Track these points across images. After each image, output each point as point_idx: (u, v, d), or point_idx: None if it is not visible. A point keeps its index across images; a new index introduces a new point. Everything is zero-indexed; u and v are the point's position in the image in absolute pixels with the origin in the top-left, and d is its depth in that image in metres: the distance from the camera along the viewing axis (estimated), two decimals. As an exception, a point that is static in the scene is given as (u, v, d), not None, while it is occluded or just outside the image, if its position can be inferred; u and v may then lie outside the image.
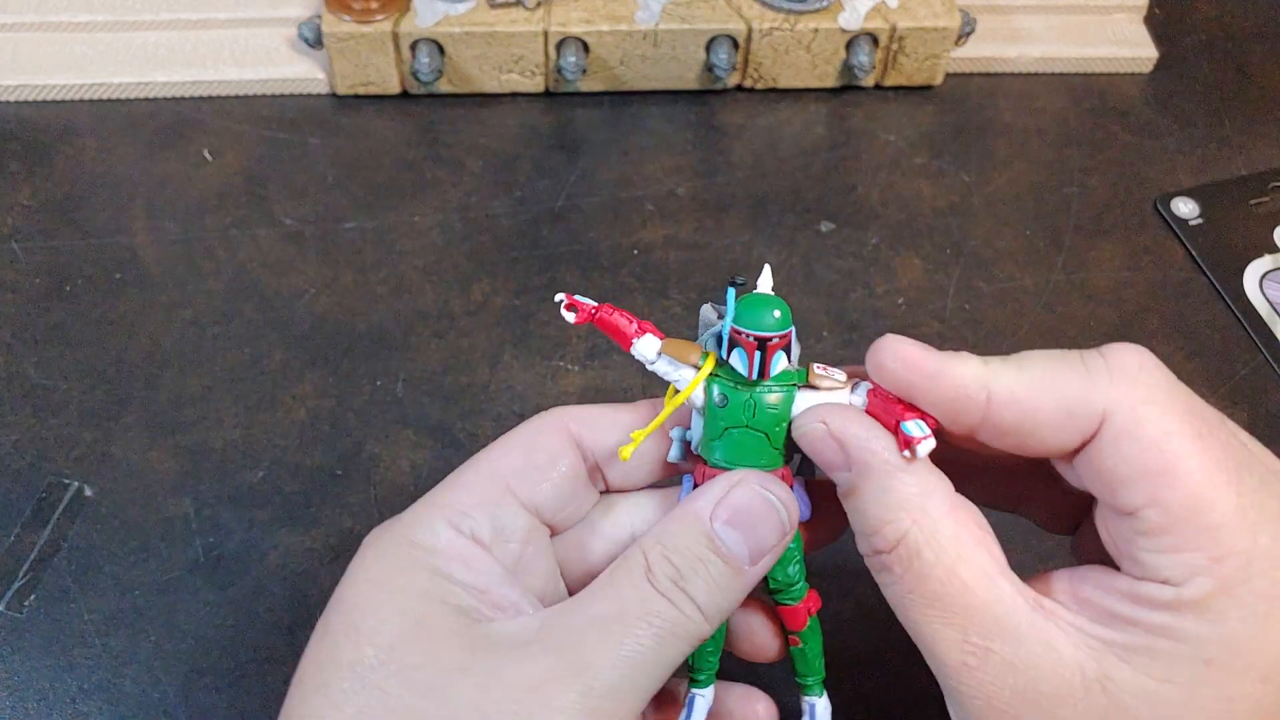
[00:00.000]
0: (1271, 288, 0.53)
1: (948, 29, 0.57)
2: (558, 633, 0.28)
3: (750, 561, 0.29)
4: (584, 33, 0.56)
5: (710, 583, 0.29)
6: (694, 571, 0.28)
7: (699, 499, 0.30)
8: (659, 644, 0.28)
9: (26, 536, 0.43)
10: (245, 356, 0.48)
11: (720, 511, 0.29)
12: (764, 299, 0.30)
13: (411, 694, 0.27)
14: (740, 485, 0.29)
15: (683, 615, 0.28)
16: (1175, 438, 0.27)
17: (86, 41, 0.58)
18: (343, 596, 0.30)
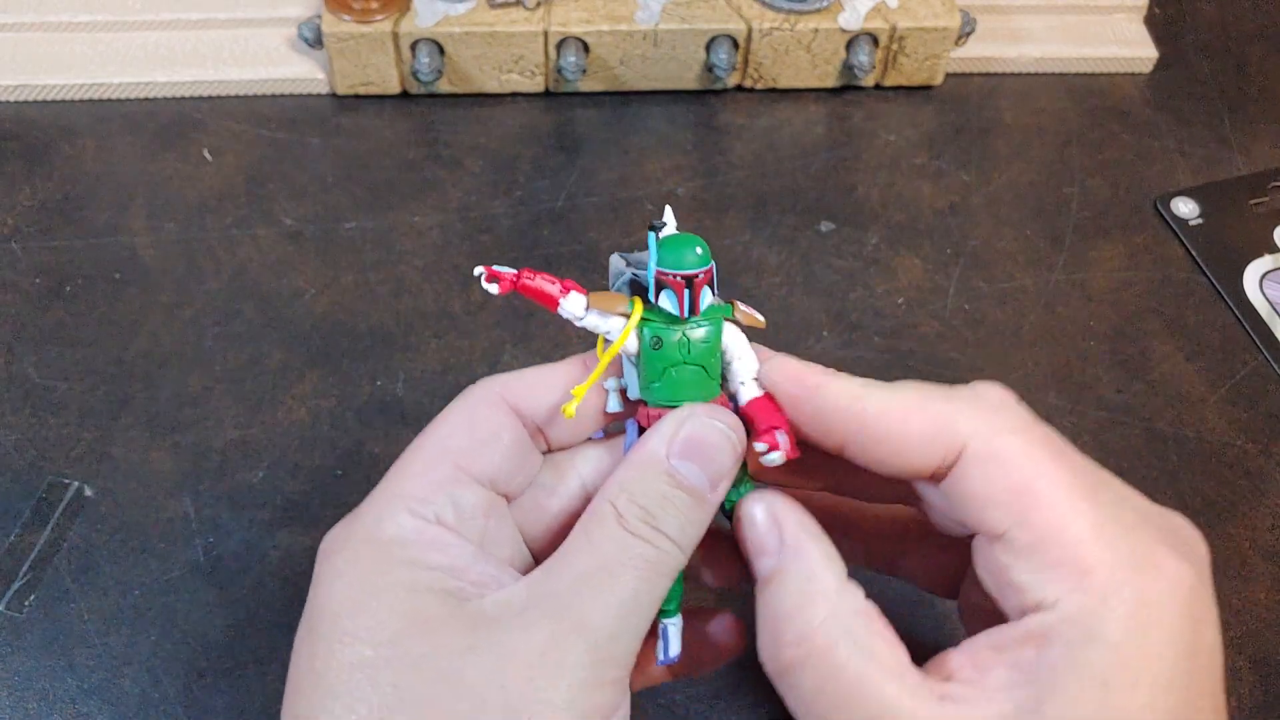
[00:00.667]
0: (1271, 288, 0.53)
1: (948, 29, 0.58)
2: (550, 596, 0.28)
3: (710, 489, 0.30)
4: (584, 33, 0.56)
5: (679, 515, 0.30)
6: (662, 509, 0.29)
7: (651, 440, 0.30)
8: (645, 583, 0.29)
9: (26, 536, 0.43)
10: (245, 356, 0.48)
11: (675, 448, 0.30)
12: (683, 239, 0.31)
13: (425, 683, 0.27)
14: (690, 419, 0.30)
15: (660, 551, 0.29)
16: (1033, 460, 0.28)
17: (86, 41, 0.58)
18: (321, 605, 0.29)
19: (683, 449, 0.30)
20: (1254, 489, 0.46)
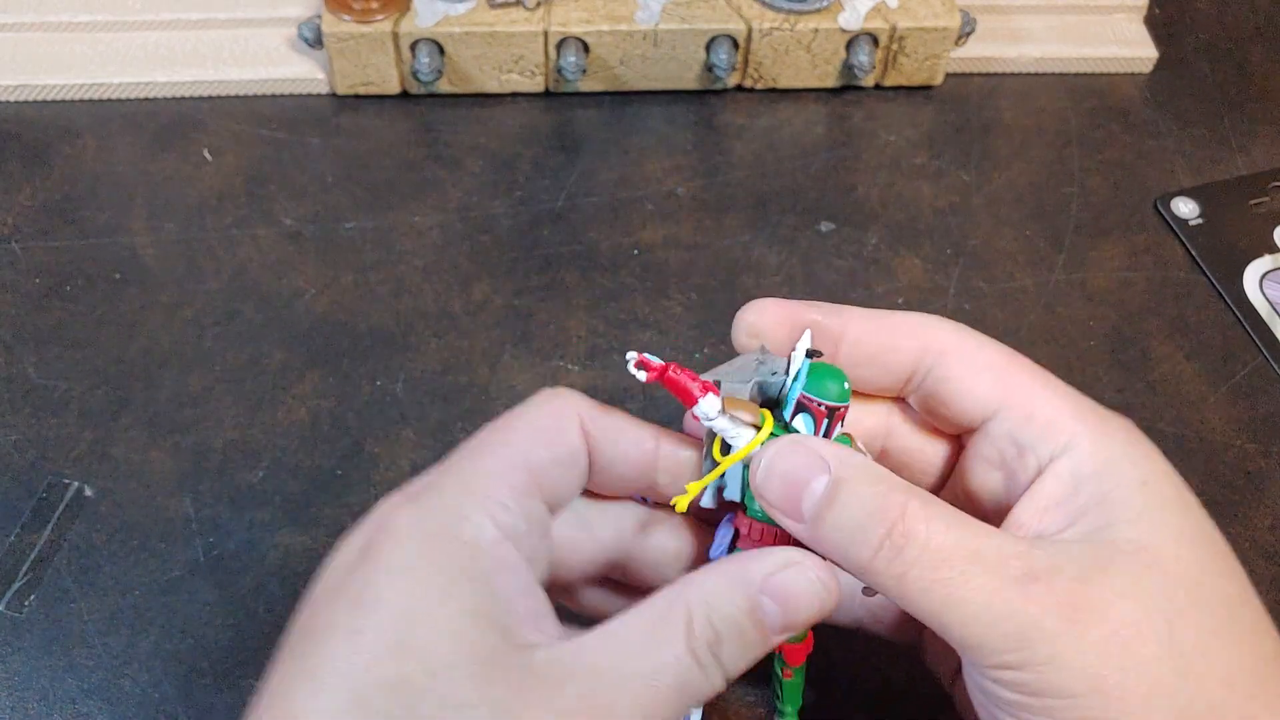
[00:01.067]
0: (1271, 288, 0.53)
1: (948, 29, 0.58)
2: (596, 681, 0.27)
3: (779, 632, 0.30)
4: (584, 33, 0.56)
5: (743, 652, 0.29)
6: (730, 640, 0.29)
7: (753, 566, 0.30)
8: (678, 707, 0.28)
9: (26, 536, 0.43)
10: (245, 356, 0.48)
11: (771, 585, 0.29)
12: (833, 371, 0.31)
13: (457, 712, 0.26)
14: (798, 567, 0.30)
15: (709, 683, 0.29)
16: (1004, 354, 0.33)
17: (86, 41, 0.58)
18: (372, 584, 0.28)
19: (777, 590, 0.29)
20: (1254, 489, 0.46)
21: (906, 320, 0.34)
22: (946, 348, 0.33)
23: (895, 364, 0.33)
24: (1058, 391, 0.32)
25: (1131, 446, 0.31)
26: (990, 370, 0.32)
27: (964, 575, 0.28)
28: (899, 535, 0.28)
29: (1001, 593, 0.28)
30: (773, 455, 0.30)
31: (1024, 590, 0.28)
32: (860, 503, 0.29)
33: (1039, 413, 0.32)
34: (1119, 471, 0.30)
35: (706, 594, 0.29)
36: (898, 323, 0.34)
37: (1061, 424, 0.31)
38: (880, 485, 0.29)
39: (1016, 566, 0.28)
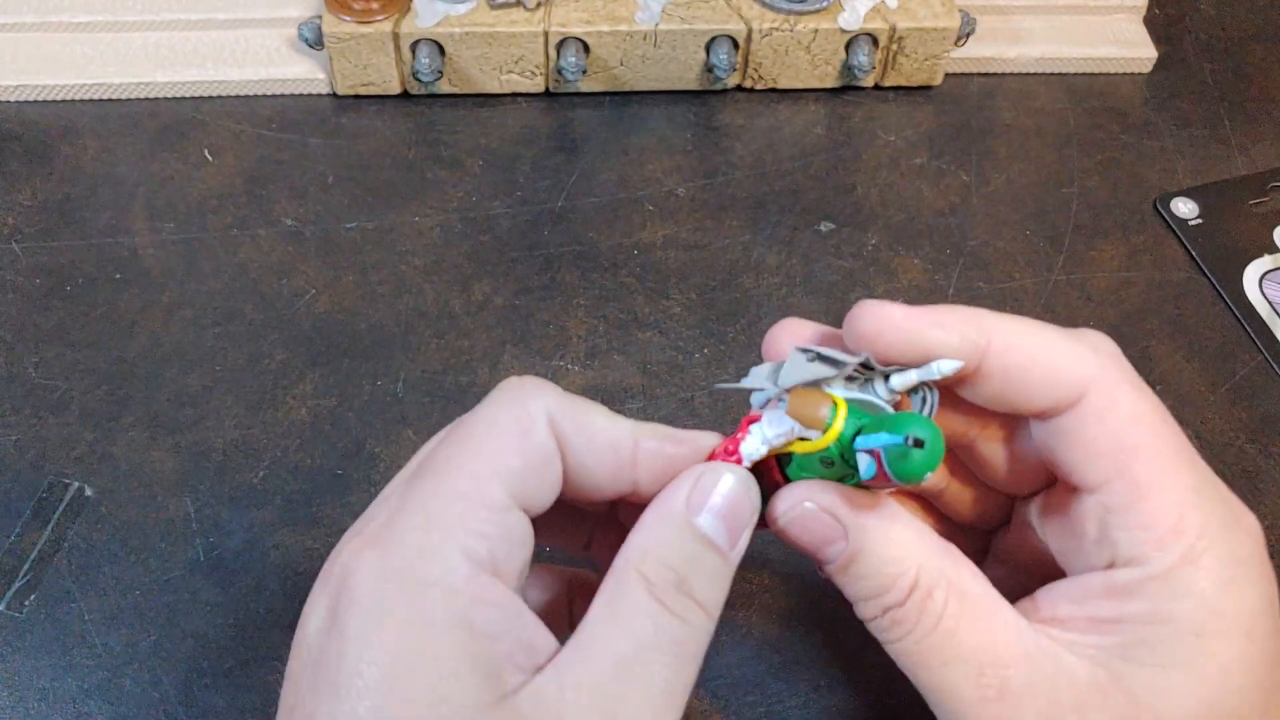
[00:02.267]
0: (1271, 288, 0.53)
1: (947, 29, 0.58)
2: (585, 690, 0.26)
3: (732, 545, 0.29)
4: (584, 33, 0.56)
5: (712, 578, 0.28)
6: (694, 571, 0.28)
7: (671, 498, 0.29)
8: (681, 670, 0.27)
9: (26, 536, 0.43)
10: (245, 356, 0.48)
11: (695, 504, 0.29)
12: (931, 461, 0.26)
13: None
14: (706, 474, 0.29)
15: (692, 628, 0.27)
16: (1144, 417, 0.29)
17: (86, 41, 0.58)
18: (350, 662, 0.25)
19: (699, 504, 0.29)
20: (1254, 489, 0.46)
21: (1070, 345, 0.29)
22: (1090, 394, 0.29)
23: (1040, 398, 0.29)
24: (1182, 485, 0.28)
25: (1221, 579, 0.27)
26: (1118, 440, 0.28)
27: (943, 671, 0.28)
28: (892, 619, 0.29)
29: (965, 703, 0.28)
30: (789, 510, 0.29)
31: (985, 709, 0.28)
32: (869, 580, 0.29)
33: (1144, 507, 0.28)
34: (1182, 606, 0.27)
35: (645, 545, 0.28)
36: (1061, 347, 0.29)
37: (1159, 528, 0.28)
38: (888, 565, 0.29)
39: (988, 683, 0.28)
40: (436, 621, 0.25)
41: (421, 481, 0.28)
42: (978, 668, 0.28)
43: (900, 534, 0.29)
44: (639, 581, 0.27)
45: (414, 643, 0.25)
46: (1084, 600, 0.29)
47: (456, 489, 0.27)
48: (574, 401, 0.30)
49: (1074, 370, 0.29)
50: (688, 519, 0.28)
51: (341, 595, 0.26)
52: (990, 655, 0.28)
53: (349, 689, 0.25)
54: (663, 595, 0.27)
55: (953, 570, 0.29)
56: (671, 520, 0.28)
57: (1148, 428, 0.29)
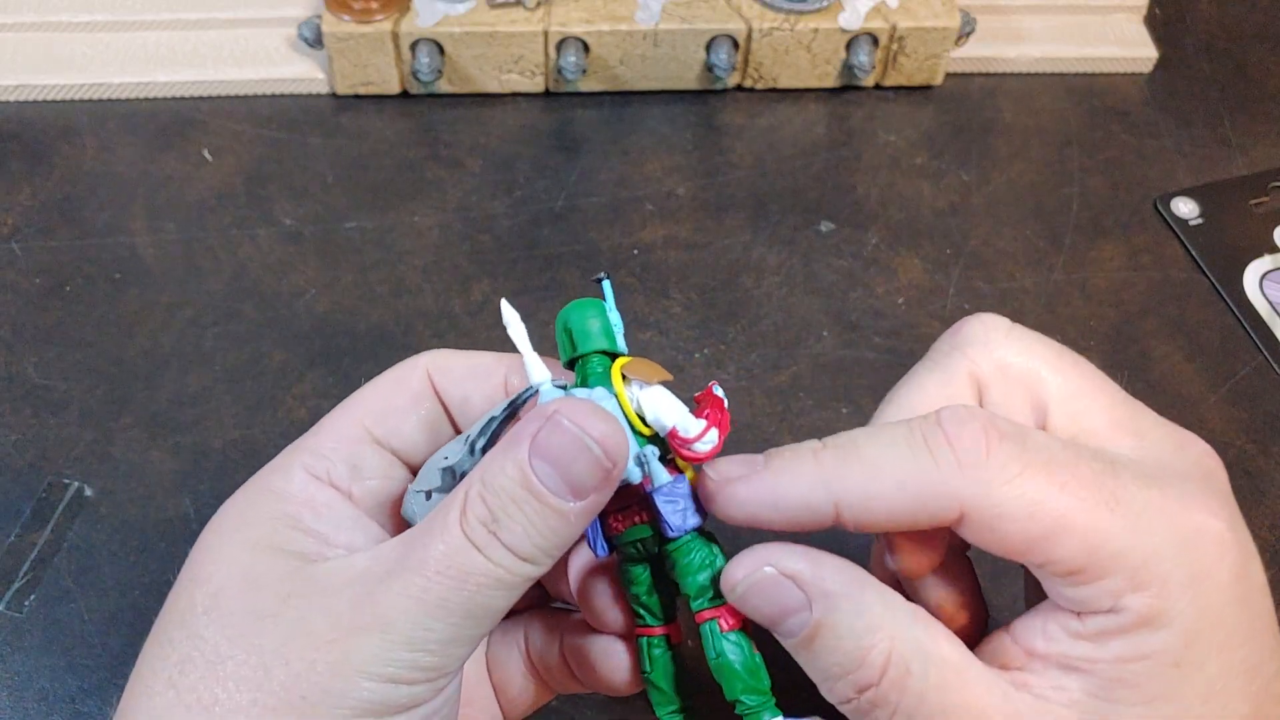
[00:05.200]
0: (1271, 288, 0.53)
1: (948, 29, 0.58)
2: (369, 578, 0.27)
3: (569, 498, 0.27)
4: (584, 33, 0.56)
5: (526, 524, 0.26)
6: (508, 514, 0.26)
7: (520, 431, 0.27)
8: (465, 595, 0.26)
9: (26, 536, 0.43)
10: (245, 356, 0.48)
11: (538, 446, 0.26)
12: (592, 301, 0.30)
13: (226, 640, 0.27)
14: (552, 419, 0.27)
15: (493, 565, 0.26)
16: (1045, 501, 0.26)
17: (86, 41, 0.58)
18: (196, 545, 0.30)
19: (541, 447, 0.26)
20: (1254, 489, 0.46)
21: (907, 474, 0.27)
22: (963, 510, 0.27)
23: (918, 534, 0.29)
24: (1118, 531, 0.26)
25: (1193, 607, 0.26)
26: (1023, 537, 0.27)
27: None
28: (870, 700, 0.27)
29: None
30: (748, 577, 0.28)
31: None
32: (839, 655, 0.27)
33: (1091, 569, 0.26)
34: (1157, 639, 0.26)
35: (482, 469, 0.27)
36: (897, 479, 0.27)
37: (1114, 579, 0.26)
38: (860, 638, 0.27)
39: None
40: (260, 510, 0.30)
41: None
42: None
43: (870, 601, 0.27)
44: (458, 504, 0.27)
45: (236, 526, 0.29)
46: (1059, 639, 0.27)
47: (323, 426, 0.32)
48: (459, 352, 0.32)
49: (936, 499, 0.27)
50: (522, 458, 0.26)
51: None
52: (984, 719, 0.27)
53: (191, 564, 0.29)
54: (468, 526, 0.26)
55: (927, 638, 0.27)
56: (508, 453, 0.27)
57: (1051, 508, 0.26)
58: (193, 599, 0.28)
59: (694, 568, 0.29)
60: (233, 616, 0.27)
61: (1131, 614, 0.26)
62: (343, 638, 0.26)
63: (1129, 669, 0.26)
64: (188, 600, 0.28)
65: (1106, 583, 0.26)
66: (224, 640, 0.27)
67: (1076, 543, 0.26)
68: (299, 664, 0.26)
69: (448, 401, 0.32)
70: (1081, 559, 0.26)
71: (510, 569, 0.27)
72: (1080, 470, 0.27)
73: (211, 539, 0.30)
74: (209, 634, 0.27)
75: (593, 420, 0.27)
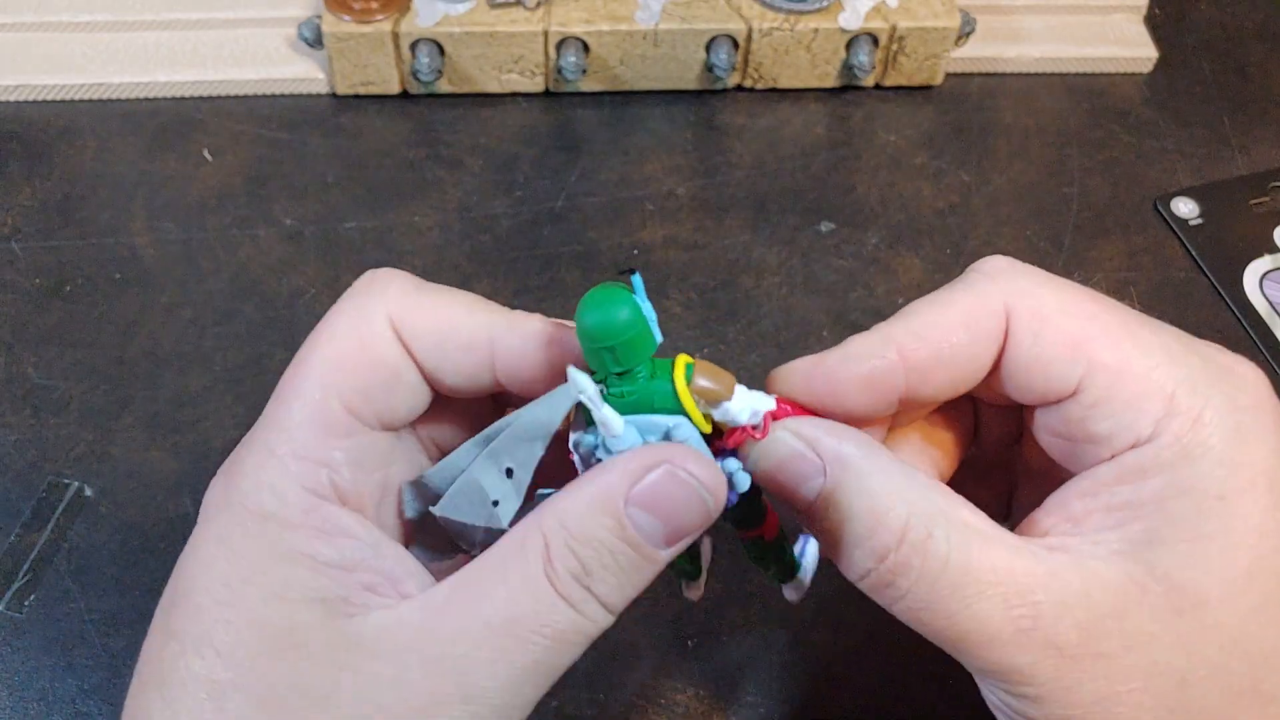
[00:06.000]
0: (1271, 288, 0.53)
1: (948, 29, 0.57)
2: (441, 640, 0.24)
3: (664, 547, 0.25)
4: (584, 33, 0.56)
5: (619, 577, 0.25)
6: (602, 566, 0.25)
7: (611, 474, 0.25)
8: (552, 655, 0.25)
9: (26, 536, 0.43)
10: (245, 356, 0.48)
11: (637, 493, 0.25)
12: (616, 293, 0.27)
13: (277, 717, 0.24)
14: (664, 469, 0.25)
15: (582, 619, 0.25)
16: (1080, 306, 0.27)
17: (86, 41, 0.58)
18: (186, 592, 0.26)
19: (646, 497, 0.25)
20: (1254, 489, 0.46)
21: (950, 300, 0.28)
22: (1015, 319, 0.27)
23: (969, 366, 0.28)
24: (1151, 351, 0.27)
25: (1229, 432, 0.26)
26: (1067, 343, 0.27)
27: (966, 614, 0.25)
28: (890, 568, 0.26)
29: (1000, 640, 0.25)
30: (763, 449, 0.27)
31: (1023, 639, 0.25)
32: (854, 521, 0.26)
33: (1124, 389, 0.26)
34: (1198, 470, 0.25)
35: (564, 517, 0.25)
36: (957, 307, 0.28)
37: (1148, 402, 0.26)
38: (876, 499, 0.26)
39: (1020, 613, 0.25)
40: (269, 552, 0.25)
41: (269, 406, 0.27)
42: (1002, 600, 0.25)
43: (885, 467, 0.26)
44: (540, 553, 0.25)
45: (244, 575, 0.25)
46: (1096, 491, 0.27)
47: (293, 416, 0.27)
48: (420, 298, 0.28)
49: (984, 319, 0.28)
50: (619, 507, 0.25)
51: (197, 526, 0.27)
52: (1012, 583, 0.25)
53: (186, 611, 0.25)
54: (558, 580, 0.25)
55: (947, 504, 0.26)
56: (600, 499, 0.25)
57: (1085, 315, 0.27)
58: (215, 672, 0.24)
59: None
60: (283, 690, 0.24)
61: (1169, 441, 0.26)
62: (426, 710, 0.24)
63: (1171, 506, 0.25)
64: (206, 670, 0.24)
65: (1143, 405, 0.26)
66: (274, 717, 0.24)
67: (1112, 346, 0.26)
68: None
69: (425, 369, 0.28)
70: (1115, 371, 0.26)
71: (599, 623, 0.25)
72: (1122, 307, 0.28)
73: (214, 590, 0.25)
74: (254, 713, 0.24)
75: (701, 468, 0.25)
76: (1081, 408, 0.27)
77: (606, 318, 0.25)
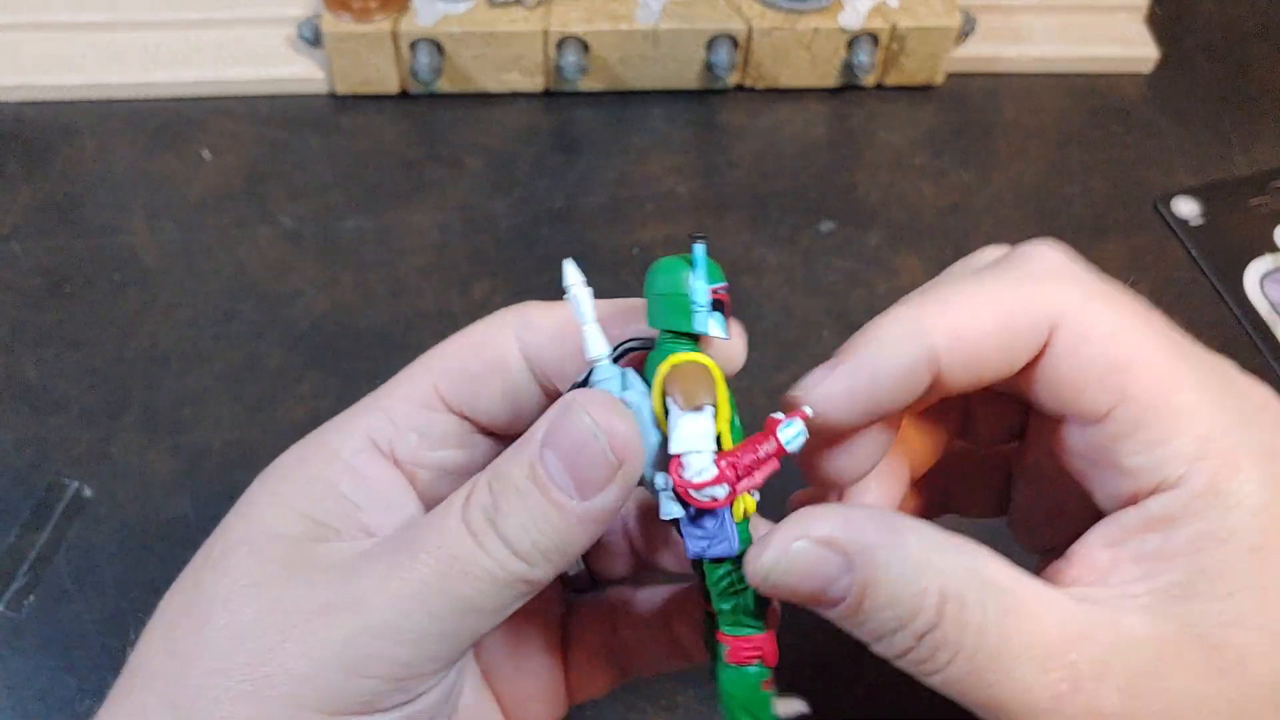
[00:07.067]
0: (1272, 288, 0.53)
1: (948, 28, 0.57)
2: (360, 562, 0.26)
3: (575, 496, 0.25)
4: (584, 32, 0.56)
5: (526, 518, 0.25)
6: (509, 504, 0.25)
7: (540, 420, 0.25)
8: (450, 580, 0.25)
9: (26, 536, 0.43)
10: (244, 356, 0.48)
11: (551, 437, 0.25)
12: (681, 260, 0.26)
13: (219, 600, 0.26)
14: (571, 404, 0.25)
15: (485, 555, 0.25)
16: (1126, 329, 0.26)
17: (86, 41, 0.58)
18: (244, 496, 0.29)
19: (551, 437, 0.25)
20: (1255, 489, 0.46)
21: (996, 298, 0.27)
22: (1058, 333, 0.26)
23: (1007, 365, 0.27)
24: (1190, 388, 0.25)
25: (1266, 481, 0.24)
26: (1104, 369, 0.26)
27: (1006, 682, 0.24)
28: (930, 645, 0.25)
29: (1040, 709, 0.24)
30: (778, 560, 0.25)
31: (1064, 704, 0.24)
32: (890, 607, 0.25)
33: (1155, 427, 0.25)
34: (1231, 521, 0.24)
35: (498, 461, 0.26)
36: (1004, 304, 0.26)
37: (1179, 443, 0.25)
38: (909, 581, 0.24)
39: (1056, 676, 0.24)
40: (304, 469, 0.28)
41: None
42: (1040, 665, 0.24)
43: (913, 544, 0.25)
44: (462, 490, 0.26)
45: (276, 482, 0.28)
46: (1124, 540, 0.25)
47: (396, 383, 0.30)
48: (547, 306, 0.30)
49: (1028, 324, 0.26)
50: (534, 451, 0.25)
51: None
52: (1047, 646, 0.24)
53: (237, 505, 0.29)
54: (468, 513, 0.25)
55: (976, 562, 0.25)
56: (522, 443, 0.25)
57: (1132, 338, 0.26)
58: (211, 547, 0.27)
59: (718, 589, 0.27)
60: (230, 576, 0.26)
61: (1200, 486, 0.24)
62: (313, 617, 0.25)
63: (1203, 558, 0.24)
64: (208, 547, 0.28)
65: (1175, 444, 0.25)
66: (217, 600, 0.26)
67: (1150, 380, 0.25)
68: (270, 638, 0.25)
69: (537, 366, 0.29)
70: (1153, 406, 0.25)
71: (502, 563, 0.25)
72: (1160, 322, 0.27)
73: (255, 487, 0.29)
74: (208, 589, 0.26)
75: (607, 414, 0.25)
76: (1109, 437, 0.26)
77: (654, 269, 0.27)
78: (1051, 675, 0.24)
